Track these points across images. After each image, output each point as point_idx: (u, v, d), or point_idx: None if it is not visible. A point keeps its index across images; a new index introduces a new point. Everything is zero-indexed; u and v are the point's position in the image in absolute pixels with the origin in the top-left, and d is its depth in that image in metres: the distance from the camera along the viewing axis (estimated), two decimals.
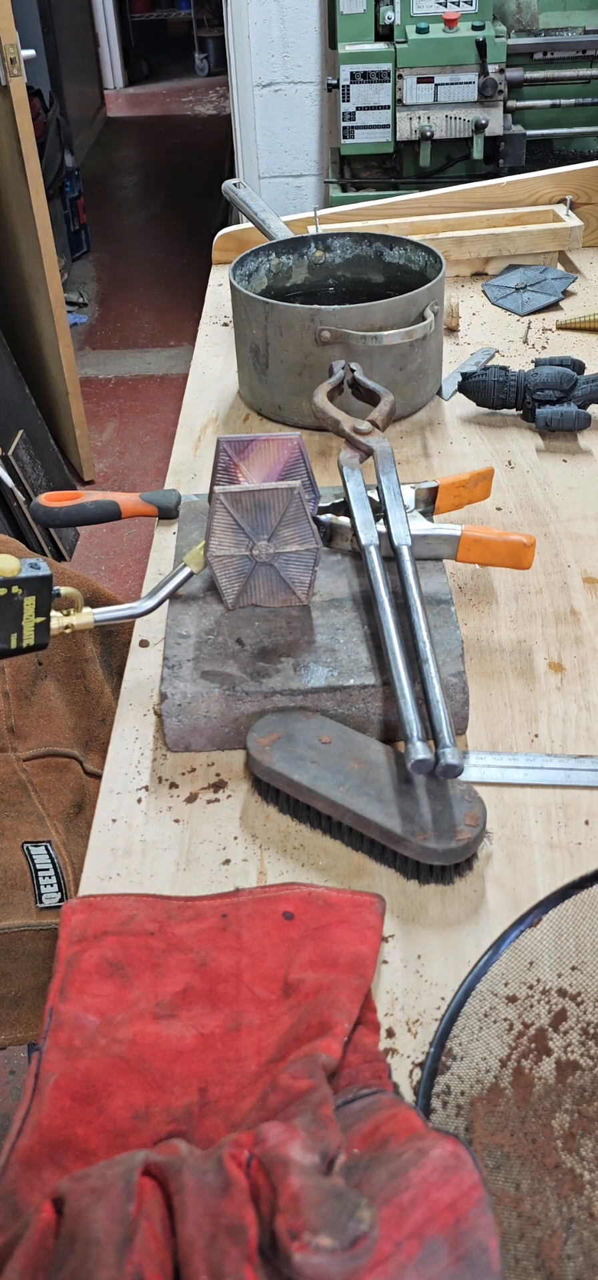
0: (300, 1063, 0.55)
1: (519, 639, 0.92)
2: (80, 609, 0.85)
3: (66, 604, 0.85)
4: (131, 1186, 0.45)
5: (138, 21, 8.77)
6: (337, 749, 0.76)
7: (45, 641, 0.81)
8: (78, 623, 0.84)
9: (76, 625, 0.84)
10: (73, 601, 0.85)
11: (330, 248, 1.39)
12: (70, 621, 0.84)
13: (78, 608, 0.85)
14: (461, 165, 2.85)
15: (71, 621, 0.84)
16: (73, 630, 0.84)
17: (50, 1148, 0.55)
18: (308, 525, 0.84)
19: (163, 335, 4.43)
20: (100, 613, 0.86)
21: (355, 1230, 0.42)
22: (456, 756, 0.71)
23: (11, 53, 2.75)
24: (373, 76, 2.75)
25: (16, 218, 3.06)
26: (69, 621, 0.84)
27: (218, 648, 0.84)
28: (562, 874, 0.71)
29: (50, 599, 0.80)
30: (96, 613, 0.85)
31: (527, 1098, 0.58)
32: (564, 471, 1.16)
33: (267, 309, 1.20)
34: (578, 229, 1.63)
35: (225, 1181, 0.46)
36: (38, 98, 4.58)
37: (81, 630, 0.85)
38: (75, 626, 0.84)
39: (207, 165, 6.45)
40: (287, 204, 3.44)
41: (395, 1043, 0.62)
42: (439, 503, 0.99)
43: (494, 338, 1.46)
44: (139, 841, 0.75)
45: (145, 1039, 0.60)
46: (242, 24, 3.19)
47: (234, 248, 1.68)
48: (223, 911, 0.68)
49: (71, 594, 0.85)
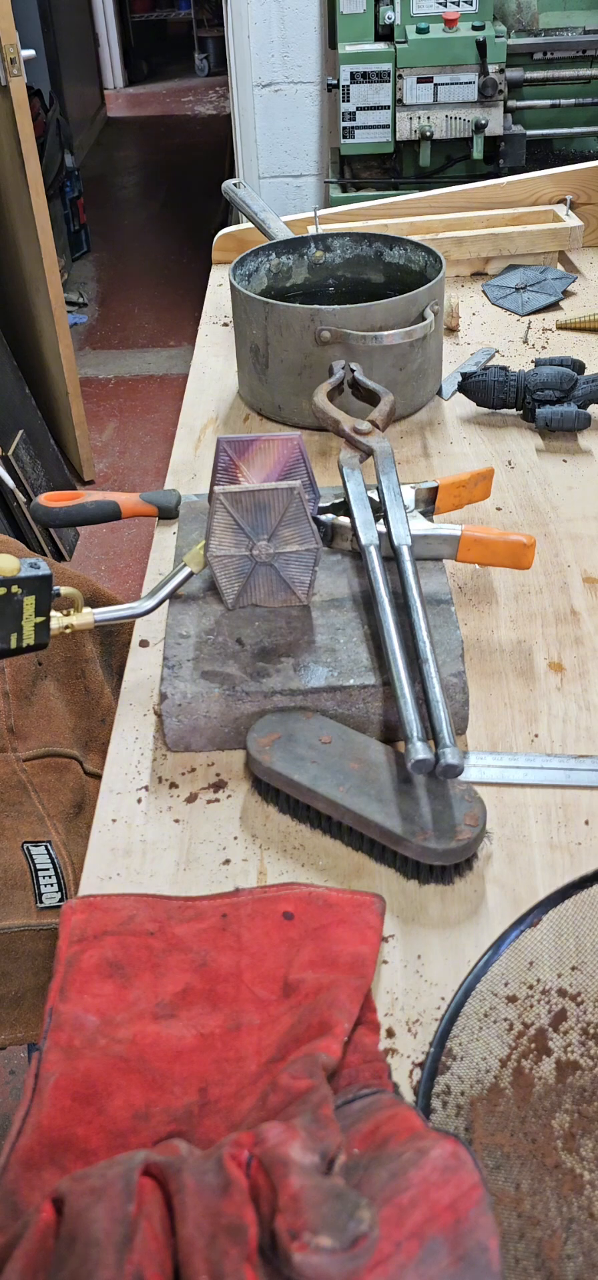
0: (300, 1063, 0.55)
1: (519, 639, 0.92)
2: (80, 609, 0.85)
3: (66, 604, 0.85)
4: (131, 1186, 0.45)
5: (138, 21, 8.78)
6: (337, 749, 0.76)
7: (45, 641, 0.81)
8: (78, 623, 0.84)
9: (76, 625, 0.84)
10: (72, 601, 0.85)
11: (330, 248, 1.39)
12: (70, 621, 0.84)
13: (78, 608, 0.85)
14: (461, 165, 2.85)
15: (71, 621, 0.84)
16: (73, 630, 0.84)
17: (50, 1148, 0.55)
18: (308, 525, 0.84)
19: (163, 335, 4.43)
20: (100, 613, 0.86)
21: (355, 1230, 0.42)
22: (456, 756, 0.71)
23: (11, 53, 2.75)
24: (373, 76, 2.75)
25: (16, 218, 3.06)
26: (69, 621, 0.84)
27: (218, 648, 0.84)
28: (562, 874, 0.71)
29: (50, 599, 0.80)
30: (97, 613, 0.86)
31: (527, 1098, 0.58)
32: (564, 471, 1.16)
33: (267, 309, 1.20)
34: (578, 229, 1.63)
35: (225, 1181, 0.46)
36: (38, 98, 4.58)
37: (81, 630, 0.85)
38: (75, 626, 0.84)
39: (207, 165, 6.45)
40: (287, 204, 3.44)
41: (395, 1043, 0.62)
42: (439, 503, 0.99)
43: (494, 338, 1.46)
44: (139, 841, 0.75)
45: (145, 1039, 0.60)
46: (242, 24, 3.19)
47: (234, 248, 1.68)
48: (223, 911, 0.68)
49: (71, 594, 0.85)
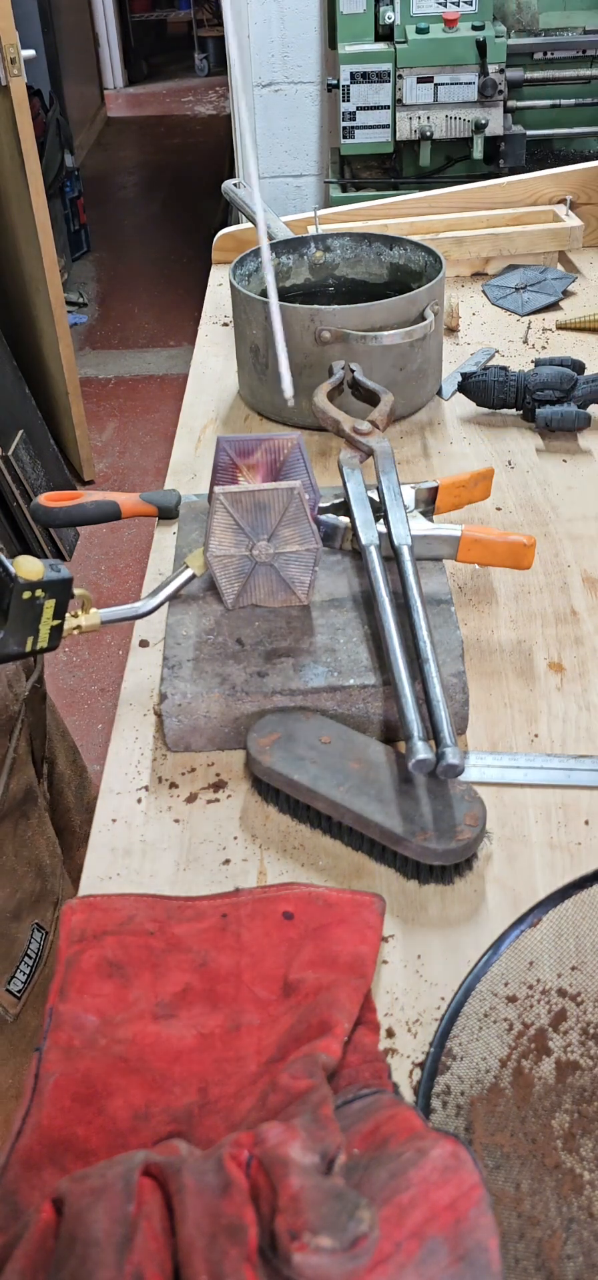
0: (300, 1063, 0.55)
1: (519, 639, 0.92)
2: (89, 609, 0.85)
3: (76, 604, 0.85)
4: (131, 1186, 0.45)
5: (138, 21, 8.77)
6: (337, 749, 0.76)
7: (57, 644, 0.81)
8: (86, 623, 0.84)
9: (85, 626, 0.84)
10: (82, 602, 0.85)
11: (330, 248, 1.39)
12: (79, 623, 0.84)
13: (87, 608, 0.85)
14: (461, 165, 2.86)
15: (80, 623, 0.84)
16: (81, 631, 0.84)
17: (50, 1148, 0.55)
18: (308, 525, 0.84)
19: (163, 335, 4.43)
20: (106, 613, 0.86)
21: (355, 1230, 0.42)
22: (457, 756, 0.71)
23: (11, 53, 2.75)
24: (373, 76, 2.75)
25: (16, 218, 3.06)
26: (78, 623, 0.84)
27: (218, 648, 0.84)
28: (562, 874, 0.71)
29: (68, 601, 0.80)
30: (103, 613, 0.86)
31: (527, 1098, 0.58)
32: (564, 471, 1.16)
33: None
34: (578, 229, 1.63)
35: (225, 1181, 0.46)
36: (38, 98, 4.58)
37: (89, 631, 0.85)
38: (84, 628, 0.84)
39: (207, 165, 6.46)
40: (287, 204, 3.44)
41: (395, 1043, 0.62)
42: (439, 503, 0.99)
43: (494, 338, 1.46)
44: (139, 841, 0.75)
45: (145, 1039, 0.60)
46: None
47: (234, 248, 1.68)
48: (223, 911, 0.68)
49: (82, 595, 0.85)
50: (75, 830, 1.25)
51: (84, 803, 1.28)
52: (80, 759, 1.31)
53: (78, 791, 1.27)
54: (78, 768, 1.29)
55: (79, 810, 1.26)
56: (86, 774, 1.31)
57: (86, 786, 1.30)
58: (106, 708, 2.54)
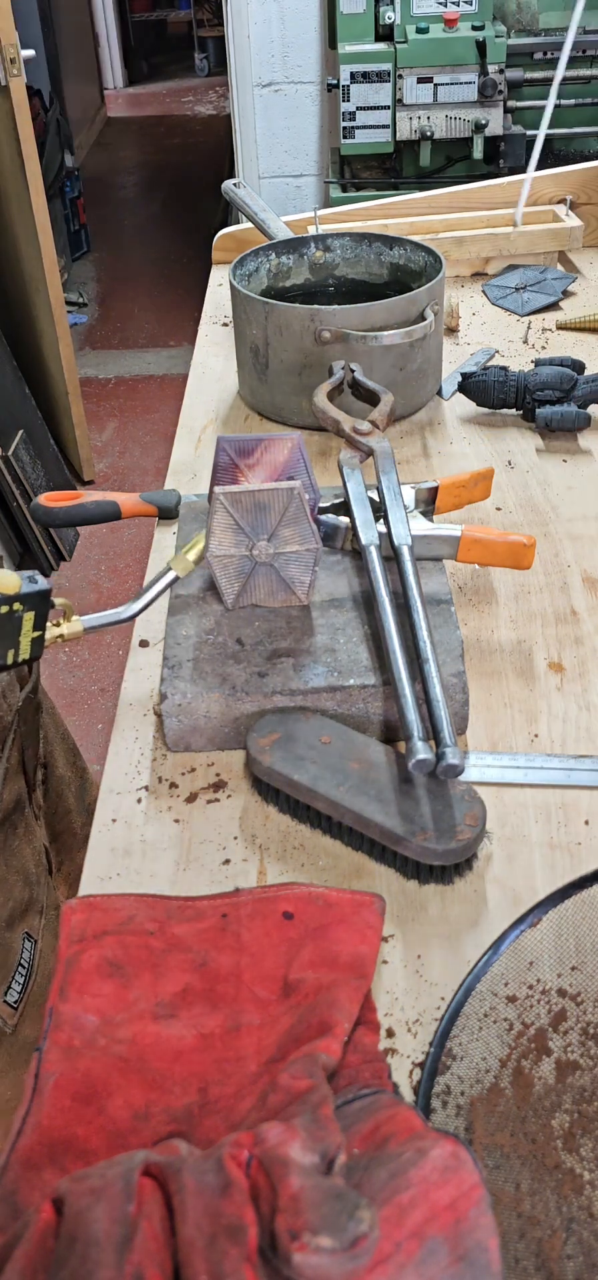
0: (300, 1063, 0.55)
1: (519, 639, 0.92)
2: (70, 618, 0.85)
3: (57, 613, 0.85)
4: (131, 1186, 0.45)
5: (138, 21, 8.77)
6: (337, 749, 0.76)
7: (39, 654, 0.81)
8: (68, 632, 0.84)
9: (67, 635, 0.84)
10: (63, 611, 0.85)
11: (330, 248, 1.39)
12: (61, 632, 0.84)
13: (68, 616, 0.85)
14: (461, 165, 2.86)
15: (62, 632, 0.84)
16: (64, 640, 0.84)
17: (50, 1148, 0.55)
18: (308, 525, 0.84)
19: (163, 335, 4.43)
20: (88, 619, 0.86)
21: (355, 1230, 0.42)
22: (457, 756, 0.71)
23: (11, 53, 2.75)
24: (373, 76, 2.75)
25: (16, 218, 3.06)
26: (60, 632, 0.84)
27: (218, 648, 0.84)
28: (562, 874, 0.71)
29: (47, 612, 0.80)
30: (85, 620, 0.85)
31: (527, 1098, 0.58)
32: (564, 471, 1.16)
33: (267, 309, 1.20)
34: (578, 229, 1.63)
35: (225, 1181, 0.46)
36: (38, 98, 4.58)
37: (71, 639, 0.85)
38: (66, 636, 0.84)
39: (207, 165, 6.46)
40: (287, 204, 3.45)
41: (395, 1043, 0.62)
42: (439, 503, 0.99)
43: (494, 338, 1.46)
44: (139, 841, 0.75)
45: (145, 1039, 0.60)
46: (242, 24, 3.19)
47: (234, 248, 1.68)
48: (223, 911, 0.68)
49: (63, 604, 0.85)
50: (76, 832, 1.25)
51: (85, 804, 1.27)
52: (81, 760, 1.31)
53: (78, 793, 1.27)
54: (78, 770, 1.29)
55: (80, 812, 1.26)
56: (88, 775, 1.31)
57: (87, 788, 1.29)
58: (106, 708, 2.54)
